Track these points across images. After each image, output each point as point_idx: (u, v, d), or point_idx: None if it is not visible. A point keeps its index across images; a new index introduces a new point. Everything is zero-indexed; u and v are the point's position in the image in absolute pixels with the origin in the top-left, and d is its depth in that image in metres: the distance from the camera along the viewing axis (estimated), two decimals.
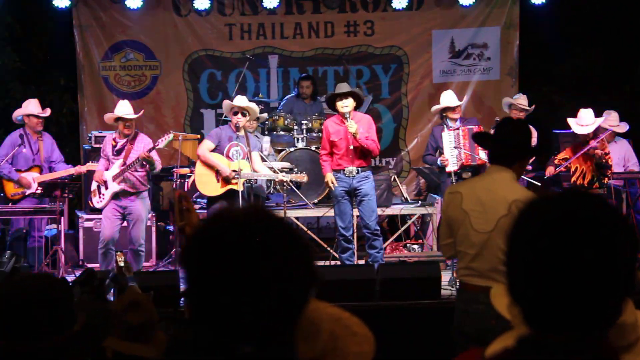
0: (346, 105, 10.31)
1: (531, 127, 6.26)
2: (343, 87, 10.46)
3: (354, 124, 10.27)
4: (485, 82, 14.33)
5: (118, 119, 10.59)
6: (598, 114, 11.29)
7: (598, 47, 14.39)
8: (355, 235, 10.84)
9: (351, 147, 10.34)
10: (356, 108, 10.53)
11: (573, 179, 11.18)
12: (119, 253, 6.91)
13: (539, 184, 11.10)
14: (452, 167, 11.08)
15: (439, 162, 11.25)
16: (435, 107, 11.70)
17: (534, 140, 11.14)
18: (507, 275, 1.97)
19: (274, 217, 2.05)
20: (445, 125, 11.37)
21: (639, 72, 14.38)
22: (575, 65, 14.53)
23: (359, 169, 10.41)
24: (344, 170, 10.43)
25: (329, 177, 10.51)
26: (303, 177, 10.95)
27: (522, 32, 14.45)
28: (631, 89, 14.38)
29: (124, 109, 10.62)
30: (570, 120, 11.19)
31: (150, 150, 10.43)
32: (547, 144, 12.23)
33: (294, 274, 1.98)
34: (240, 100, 10.78)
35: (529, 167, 11.33)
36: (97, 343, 3.14)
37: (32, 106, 11.44)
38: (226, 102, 10.96)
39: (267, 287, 1.93)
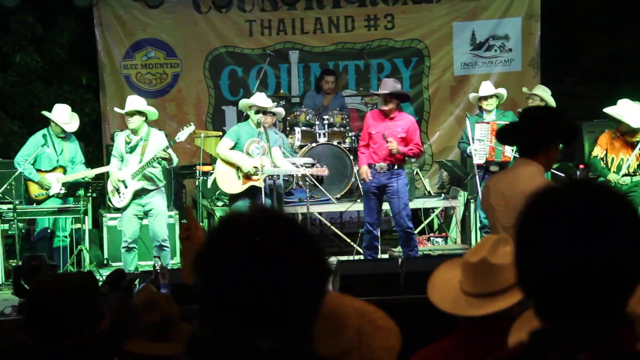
0: (386, 107, 10.36)
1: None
2: (384, 87, 10.45)
3: (395, 145, 10.21)
4: (507, 74, 14.26)
5: (135, 112, 10.49)
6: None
7: (620, 37, 14.31)
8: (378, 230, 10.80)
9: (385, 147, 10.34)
10: (402, 102, 10.49)
11: (613, 168, 11.08)
12: (156, 258, 6.95)
13: (563, 175, 11.03)
14: (478, 159, 11.01)
15: (468, 151, 11.12)
16: (472, 95, 11.62)
17: None
18: (518, 269, 1.96)
19: (281, 215, 2.07)
20: (479, 116, 11.30)
21: None
22: (597, 56, 14.46)
23: (390, 165, 10.39)
24: (375, 165, 10.42)
25: (364, 169, 10.48)
26: (324, 171, 10.94)
27: (543, 23, 14.38)
28: None
29: (132, 103, 10.54)
30: (610, 111, 10.97)
31: (168, 147, 10.38)
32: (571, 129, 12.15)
33: (305, 268, 1.99)
34: (261, 100, 10.72)
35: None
36: (124, 342, 3.15)
37: (58, 114, 11.28)
38: (244, 102, 10.90)
39: (281, 283, 1.94)
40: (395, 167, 10.39)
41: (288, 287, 1.95)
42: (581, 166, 11.28)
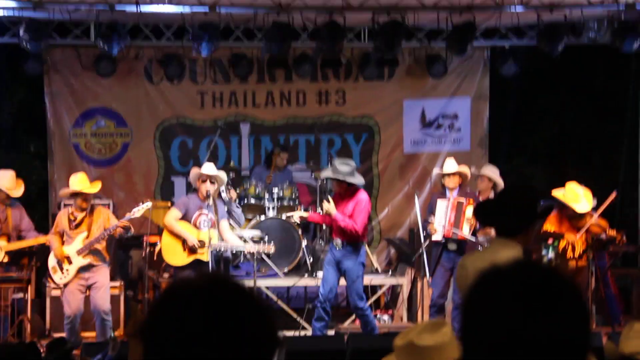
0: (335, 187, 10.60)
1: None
2: (328, 173, 10.60)
3: (327, 205, 10.37)
4: (455, 153, 14.36)
5: (75, 193, 10.44)
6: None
7: (567, 117, 14.53)
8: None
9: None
10: (349, 185, 10.44)
11: (559, 250, 11.18)
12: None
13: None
14: (436, 236, 11.03)
15: (427, 229, 11.15)
16: (435, 171, 11.67)
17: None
18: (463, 342, 1.96)
19: (231, 281, 2.04)
20: (442, 193, 11.34)
21: (608, 141, 14.53)
22: (545, 137, 14.66)
23: (343, 242, 10.38)
24: (333, 240, 10.48)
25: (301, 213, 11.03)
26: (270, 249, 10.88)
27: (492, 103, 14.58)
28: (602, 161, 14.50)
29: (80, 183, 10.43)
30: (558, 194, 11.11)
31: (125, 220, 10.35)
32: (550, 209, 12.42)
33: (256, 337, 1.96)
34: (208, 168, 10.75)
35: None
36: None
37: (3, 180, 11.19)
38: (194, 170, 10.91)
39: (230, 353, 1.91)
40: (348, 245, 10.36)
41: (236, 353, 1.92)
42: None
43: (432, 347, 3.11)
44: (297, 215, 11.09)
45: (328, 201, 10.40)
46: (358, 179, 10.45)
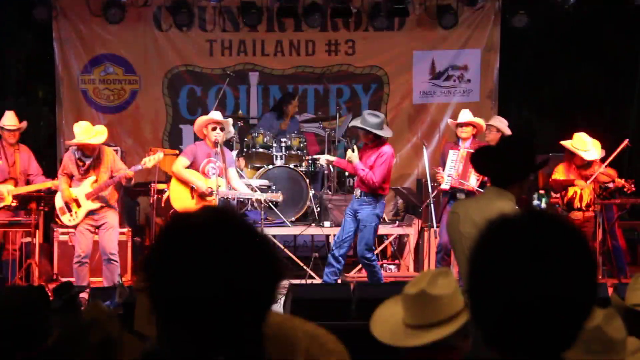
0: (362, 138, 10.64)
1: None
2: (356, 122, 10.50)
3: (350, 153, 10.40)
4: (464, 104, 14.31)
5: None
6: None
7: (578, 71, 14.46)
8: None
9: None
10: (376, 137, 10.43)
11: (566, 200, 11.22)
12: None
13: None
14: (444, 185, 11.07)
15: (436, 179, 11.18)
16: (449, 121, 11.66)
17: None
18: (469, 296, 1.95)
19: (234, 216, 2.04)
20: (456, 143, 11.33)
21: (618, 96, 14.47)
22: (554, 90, 14.60)
23: (361, 192, 10.43)
24: (355, 189, 10.59)
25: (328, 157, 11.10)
26: (278, 197, 10.91)
27: (502, 55, 14.50)
28: (612, 115, 14.45)
29: (84, 134, 10.34)
30: (566, 144, 11.16)
31: (131, 171, 10.40)
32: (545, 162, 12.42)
33: (259, 271, 1.96)
34: (217, 115, 10.76)
35: None
36: (72, 357, 3.10)
37: (6, 119, 11.29)
38: (201, 118, 10.89)
39: (233, 287, 1.92)
40: (366, 196, 10.39)
41: (238, 286, 1.93)
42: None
43: (443, 296, 3.12)
44: (324, 158, 11.15)
45: (352, 150, 10.44)
46: (385, 132, 10.45)
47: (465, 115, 11.19)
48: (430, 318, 3.10)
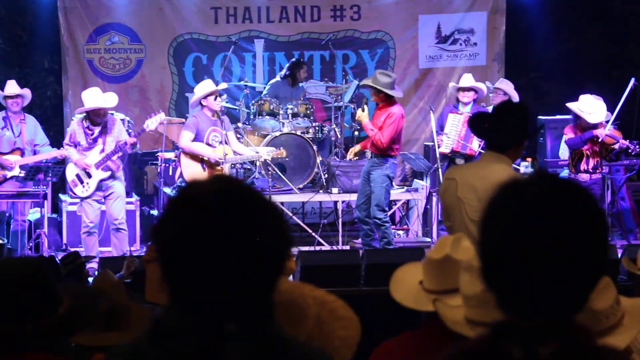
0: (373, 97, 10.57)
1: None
2: (367, 82, 10.56)
3: (360, 112, 10.45)
4: (471, 68, 14.27)
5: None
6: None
7: (585, 34, 14.39)
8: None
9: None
10: (387, 97, 10.41)
11: (573, 163, 11.23)
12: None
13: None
14: (444, 148, 11.09)
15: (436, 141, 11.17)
16: (451, 85, 11.67)
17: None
18: (481, 260, 1.95)
19: (242, 183, 2.05)
20: (455, 107, 11.35)
21: (625, 58, 14.40)
22: (561, 52, 14.54)
23: (372, 154, 10.49)
24: (367, 150, 10.74)
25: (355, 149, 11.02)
26: (282, 153, 11.04)
27: (508, 18, 14.44)
28: (618, 75, 14.38)
29: (94, 99, 10.40)
30: (572, 106, 11.14)
31: (138, 135, 10.48)
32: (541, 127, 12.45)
33: (268, 239, 1.97)
34: (221, 85, 10.95)
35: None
36: (82, 327, 3.11)
37: (6, 88, 11.29)
38: (202, 90, 10.97)
39: (242, 255, 1.93)
40: (375, 157, 10.42)
41: (249, 254, 1.94)
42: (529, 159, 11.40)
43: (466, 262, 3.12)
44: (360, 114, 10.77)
45: (362, 110, 10.46)
46: (396, 92, 10.44)
47: (467, 80, 11.23)
48: (454, 283, 3.11)
